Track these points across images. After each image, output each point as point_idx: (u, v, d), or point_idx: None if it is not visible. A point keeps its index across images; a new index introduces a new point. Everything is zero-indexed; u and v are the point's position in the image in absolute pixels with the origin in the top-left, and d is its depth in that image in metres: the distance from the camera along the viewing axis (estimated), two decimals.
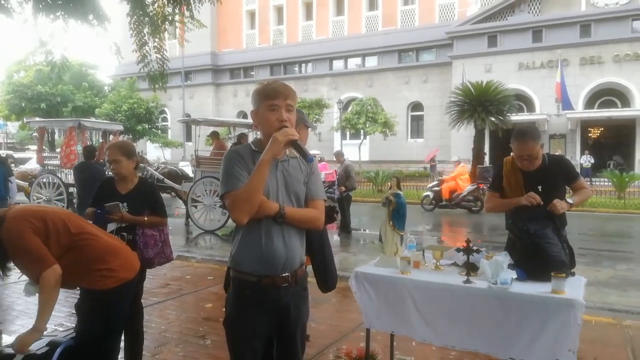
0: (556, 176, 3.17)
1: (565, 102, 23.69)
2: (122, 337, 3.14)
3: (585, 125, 25.79)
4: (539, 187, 3.10)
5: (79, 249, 2.47)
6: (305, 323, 2.22)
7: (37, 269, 2.36)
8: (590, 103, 25.71)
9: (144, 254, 3.18)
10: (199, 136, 11.30)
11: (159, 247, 3.29)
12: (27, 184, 12.13)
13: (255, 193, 1.92)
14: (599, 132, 26.43)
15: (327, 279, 2.89)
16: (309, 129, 3.00)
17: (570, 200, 3.13)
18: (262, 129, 2.08)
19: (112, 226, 3.15)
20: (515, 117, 21.35)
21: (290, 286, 2.07)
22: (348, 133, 29.27)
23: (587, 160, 23.83)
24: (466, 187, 13.86)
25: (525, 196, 3.09)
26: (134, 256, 2.76)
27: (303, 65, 35.40)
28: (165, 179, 11.78)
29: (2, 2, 5.45)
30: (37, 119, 24.05)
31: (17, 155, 22.93)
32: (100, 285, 2.48)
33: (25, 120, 28.22)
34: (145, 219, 3.22)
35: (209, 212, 10.56)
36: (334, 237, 9.96)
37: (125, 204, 3.17)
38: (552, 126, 25.63)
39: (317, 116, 27.85)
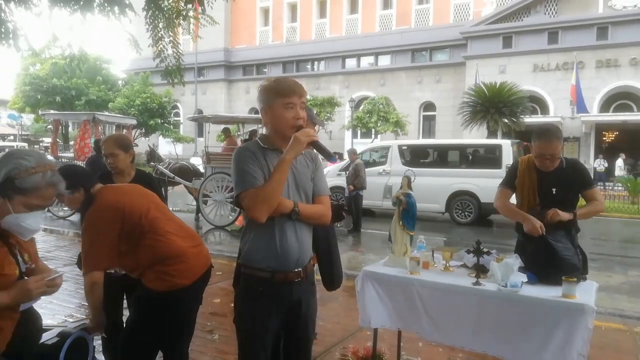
0: (572, 180, 3.06)
1: (580, 105, 23.40)
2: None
3: (600, 128, 25.47)
4: (553, 190, 3.02)
5: (145, 247, 2.42)
6: (314, 317, 2.24)
7: (84, 262, 2.39)
8: (605, 106, 25.38)
9: None
10: (209, 132, 11.34)
11: None
12: None
13: (275, 192, 1.94)
14: (613, 135, 26.09)
15: (333, 278, 2.90)
16: (317, 126, 3.00)
17: (576, 211, 2.99)
18: (274, 126, 2.08)
19: None
20: (529, 119, 21.16)
21: (301, 281, 2.09)
22: (359, 132, 29.18)
23: (600, 164, 23.53)
24: None
25: (531, 223, 2.93)
26: (201, 261, 2.56)
27: (315, 63, 35.36)
28: (176, 177, 11.84)
29: None
30: (52, 111, 24.31)
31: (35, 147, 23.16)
32: (152, 285, 2.42)
33: (40, 112, 28.55)
34: None
35: (219, 207, 10.61)
36: (343, 236, 9.96)
37: None
38: (566, 129, 25.32)
39: (328, 114, 27.81)
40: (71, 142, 16.78)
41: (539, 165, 3.08)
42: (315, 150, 2.10)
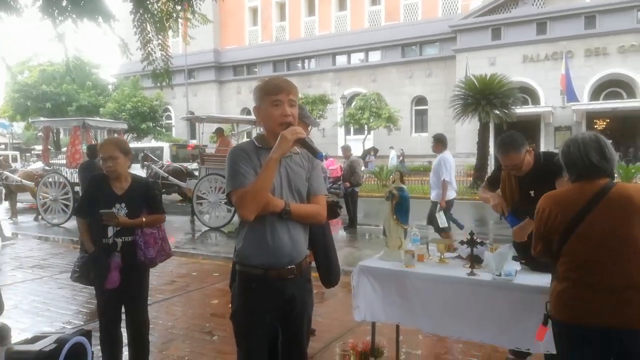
0: (550, 176, 2.92)
1: (570, 94, 23.54)
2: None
3: (591, 117, 25.62)
4: (531, 193, 2.95)
5: None
6: (310, 315, 2.25)
7: None
8: (595, 95, 25.54)
9: (146, 254, 3.10)
10: (202, 133, 11.31)
11: (159, 245, 3.19)
12: (33, 184, 12.21)
13: (263, 191, 1.96)
14: (604, 123, 26.25)
15: (330, 275, 2.91)
16: (310, 127, 2.98)
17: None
18: (265, 125, 2.11)
19: (111, 231, 3.03)
20: (520, 110, 21.24)
21: (295, 278, 2.10)
22: (352, 128, 29.21)
23: None
24: None
25: (492, 202, 3.15)
26: None
27: (306, 61, 35.33)
28: (170, 177, 11.82)
29: (11, 2, 5.46)
30: (42, 118, 24.16)
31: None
32: None
33: (30, 120, 28.35)
34: (144, 220, 3.09)
35: (214, 209, 10.59)
36: (340, 233, 9.97)
37: (123, 205, 3.04)
38: (557, 118, 25.49)
39: (320, 112, 27.79)
40: (64, 149, 16.66)
41: (512, 173, 3.08)
42: (303, 148, 2.10)
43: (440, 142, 7.49)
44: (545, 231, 2.07)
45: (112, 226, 3.01)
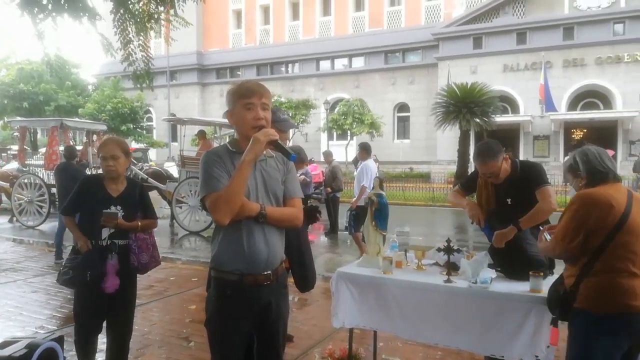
0: (527, 184, 2.97)
1: (548, 104, 24.01)
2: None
3: (569, 126, 26.17)
4: (508, 200, 3.02)
5: None
6: (286, 320, 2.23)
7: None
8: (573, 105, 26.10)
9: (140, 259, 3.01)
10: (184, 136, 11.21)
11: (151, 251, 3.11)
12: (8, 184, 11.93)
13: (236, 194, 1.93)
14: (582, 133, 26.83)
15: (305, 281, 2.90)
16: (286, 132, 2.92)
17: (519, 222, 2.89)
18: (238, 129, 2.10)
19: (105, 232, 2.94)
20: (500, 119, 21.58)
21: (271, 284, 2.08)
22: (335, 134, 29.30)
23: None
24: None
25: (469, 211, 3.18)
26: None
27: (290, 65, 35.35)
28: (150, 179, 11.68)
29: None
30: (19, 118, 23.67)
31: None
32: None
33: (6, 119, 27.76)
34: (139, 223, 3.03)
35: (193, 213, 10.49)
36: (321, 238, 9.97)
37: (119, 208, 2.96)
38: (535, 127, 25.95)
39: (303, 117, 27.82)
40: (42, 150, 16.36)
41: (489, 180, 3.09)
42: (276, 150, 2.08)
43: (364, 150, 7.91)
44: (586, 229, 2.17)
45: (109, 228, 2.92)
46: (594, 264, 2.17)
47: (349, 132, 27.10)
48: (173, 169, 13.79)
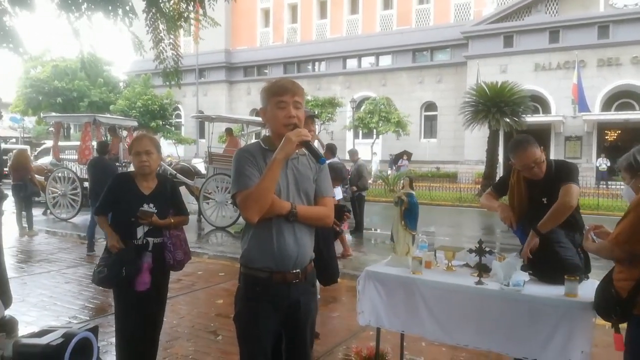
0: (560, 185, 2.86)
1: (581, 104, 23.36)
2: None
3: (602, 127, 25.43)
4: (544, 200, 2.91)
5: None
6: (314, 319, 2.23)
7: None
8: (607, 105, 25.34)
9: (175, 256, 3.01)
10: (212, 133, 11.35)
11: (184, 247, 3.11)
12: (43, 178, 12.31)
13: (267, 192, 1.93)
14: (615, 134, 26.06)
15: (328, 272, 2.93)
16: (317, 121, 2.97)
17: (537, 227, 2.80)
18: (271, 127, 2.10)
19: (140, 231, 2.93)
20: (531, 119, 21.10)
21: (300, 282, 2.09)
22: (360, 132, 29.18)
23: (602, 164, 23.46)
24: None
25: (501, 213, 3.10)
26: None
27: (316, 63, 35.36)
28: (178, 175, 11.87)
29: None
30: (54, 114, 24.38)
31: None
32: None
33: (41, 115, 28.62)
34: (172, 220, 3.03)
35: (220, 208, 10.61)
36: (347, 237, 9.95)
37: (152, 206, 2.94)
38: (567, 128, 25.32)
39: (329, 115, 27.81)
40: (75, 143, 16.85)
41: (529, 176, 2.97)
42: (306, 151, 2.08)
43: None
44: None
45: (144, 225, 2.93)
46: None
47: (374, 130, 26.97)
48: (200, 166, 13.98)
